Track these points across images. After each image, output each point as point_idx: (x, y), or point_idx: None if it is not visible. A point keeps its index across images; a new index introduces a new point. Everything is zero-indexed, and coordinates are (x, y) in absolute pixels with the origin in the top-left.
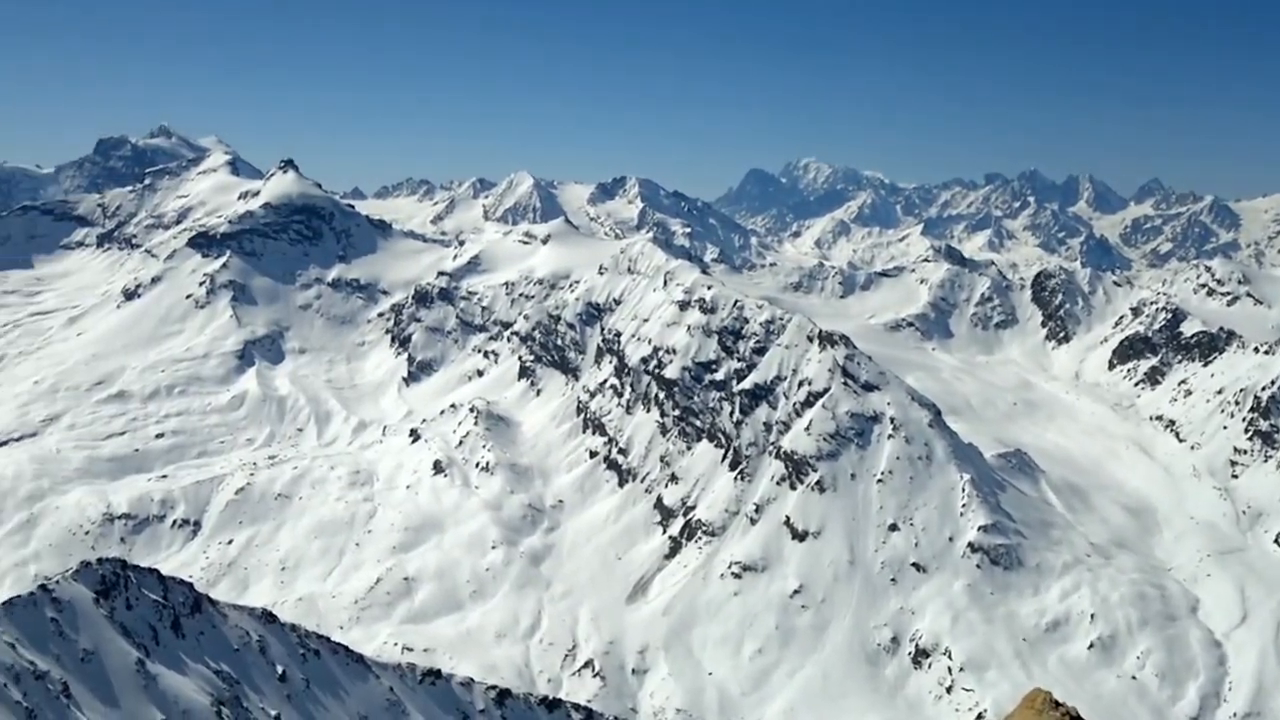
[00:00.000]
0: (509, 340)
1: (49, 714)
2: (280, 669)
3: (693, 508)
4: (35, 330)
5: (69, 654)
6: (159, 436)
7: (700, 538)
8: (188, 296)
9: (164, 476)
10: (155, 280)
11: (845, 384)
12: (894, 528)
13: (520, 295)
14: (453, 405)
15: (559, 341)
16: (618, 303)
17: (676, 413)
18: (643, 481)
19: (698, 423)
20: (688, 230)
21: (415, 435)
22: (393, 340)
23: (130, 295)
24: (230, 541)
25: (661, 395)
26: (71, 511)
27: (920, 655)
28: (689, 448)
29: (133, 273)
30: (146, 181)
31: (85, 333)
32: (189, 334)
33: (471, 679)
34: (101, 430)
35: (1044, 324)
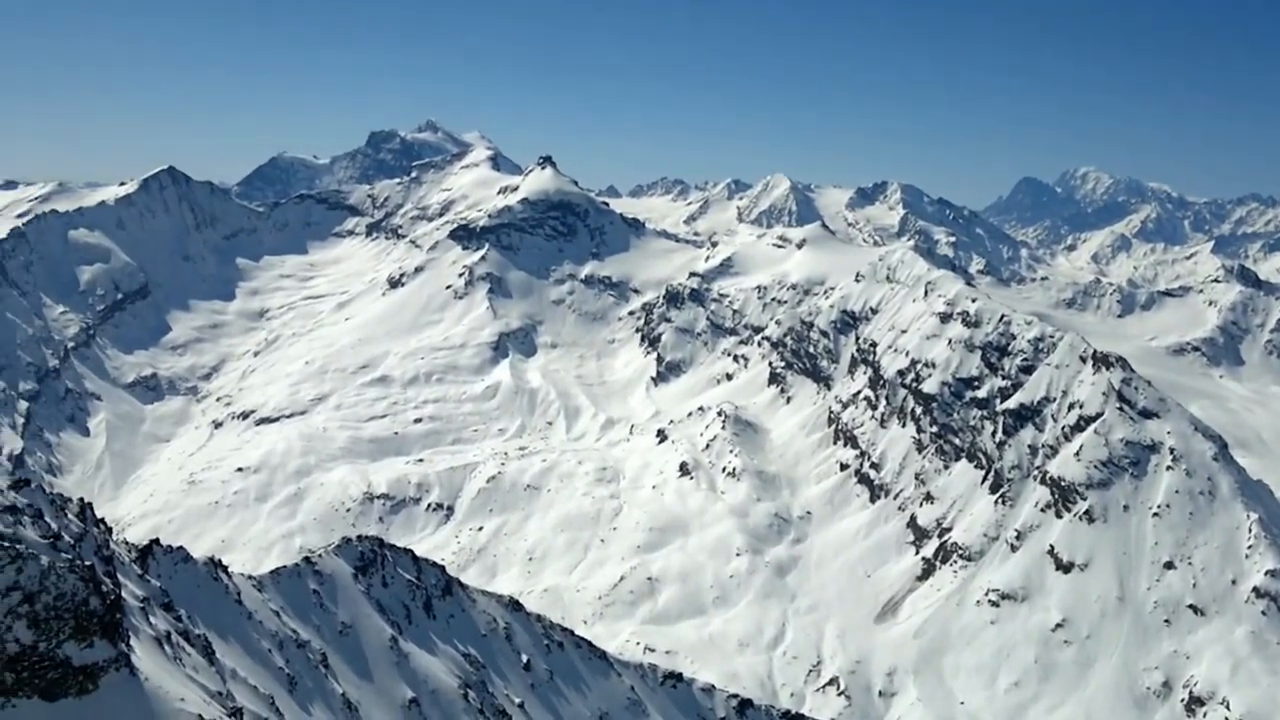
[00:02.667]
0: (759, 345)
1: (308, 682)
2: (525, 658)
3: (949, 529)
4: (308, 313)
5: (328, 625)
6: (417, 421)
7: (956, 561)
8: (447, 287)
9: (420, 460)
10: (418, 270)
11: (1121, 409)
12: (1170, 566)
13: (773, 300)
14: (701, 408)
15: (811, 349)
16: (874, 312)
17: (934, 429)
18: (896, 499)
19: (956, 441)
20: (952, 239)
21: (662, 436)
22: (642, 339)
23: (394, 283)
24: (481, 528)
25: (918, 410)
26: (335, 489)
27: (1194, 703)
28: (946, 467)
29: (397, 262)
30: (413, 174)
31: (352, 318)
32: (447, 323)
33: (713, 685)
34: (364, 412)
35: None
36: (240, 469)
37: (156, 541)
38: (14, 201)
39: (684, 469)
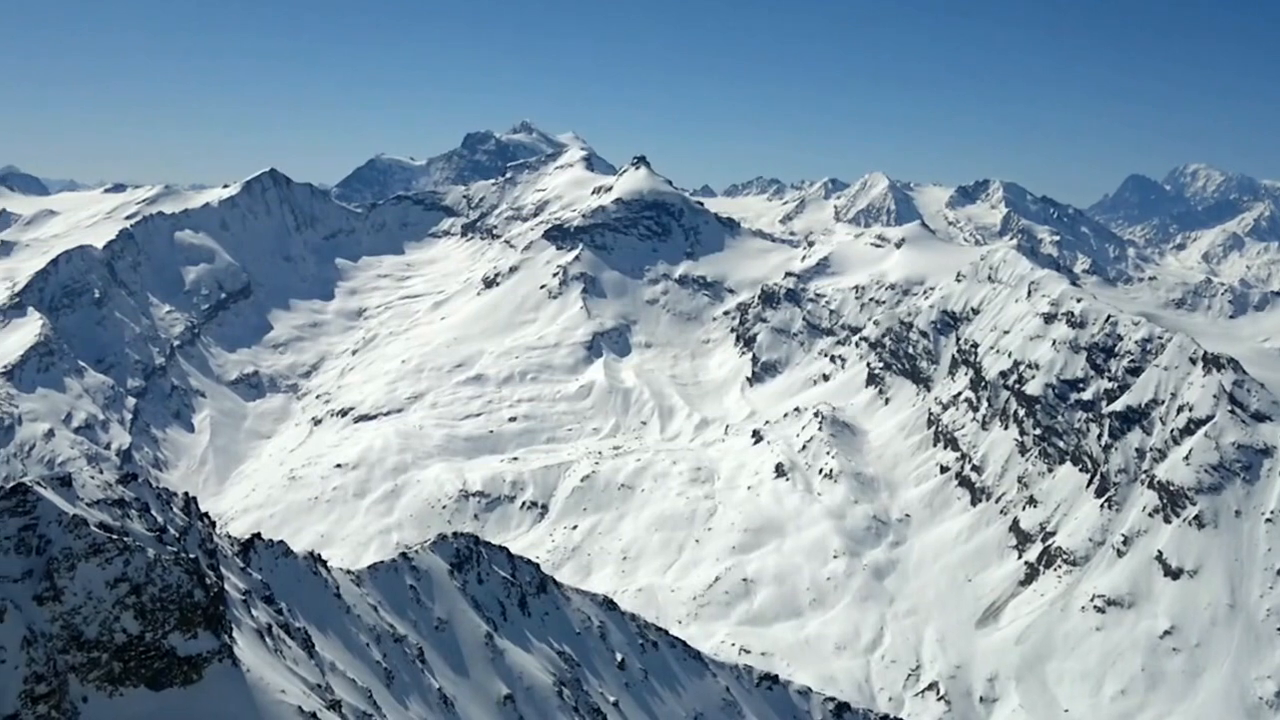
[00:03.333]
0: (857, 346)
1: (405, 676)
2: (620, 657)
3: (1052, 534)
4: (404, 312)
5: (424, 621)
6: (511, 420)
7: (1060, 566)
8: (541, 287)
9: (515, 459)
10: (512, 270)
11: (1232, 412)
12: None
13: (870, 300)
14: (796, 409)
15: (910, 350)
16: (975, 312)
17: (1037, 432)
18: (997, 502)
19: (1061, 444)
20: (1056, 238)
21: (758, 436)
22: (737, 339)
23: (489, 283)
24: (575, 527)
25: (1021, 412)
26: (431, 486)
27: None
28: (1050, 470)
29: (492, 262)
30: (507, 175)
31: (448, 317)
32: (541, 323)
33: (809, 688)
34: (460, 410)
35: None
36: (339, 465)
37: (258, 536)
38: (122, 204)
39: (780, 470)
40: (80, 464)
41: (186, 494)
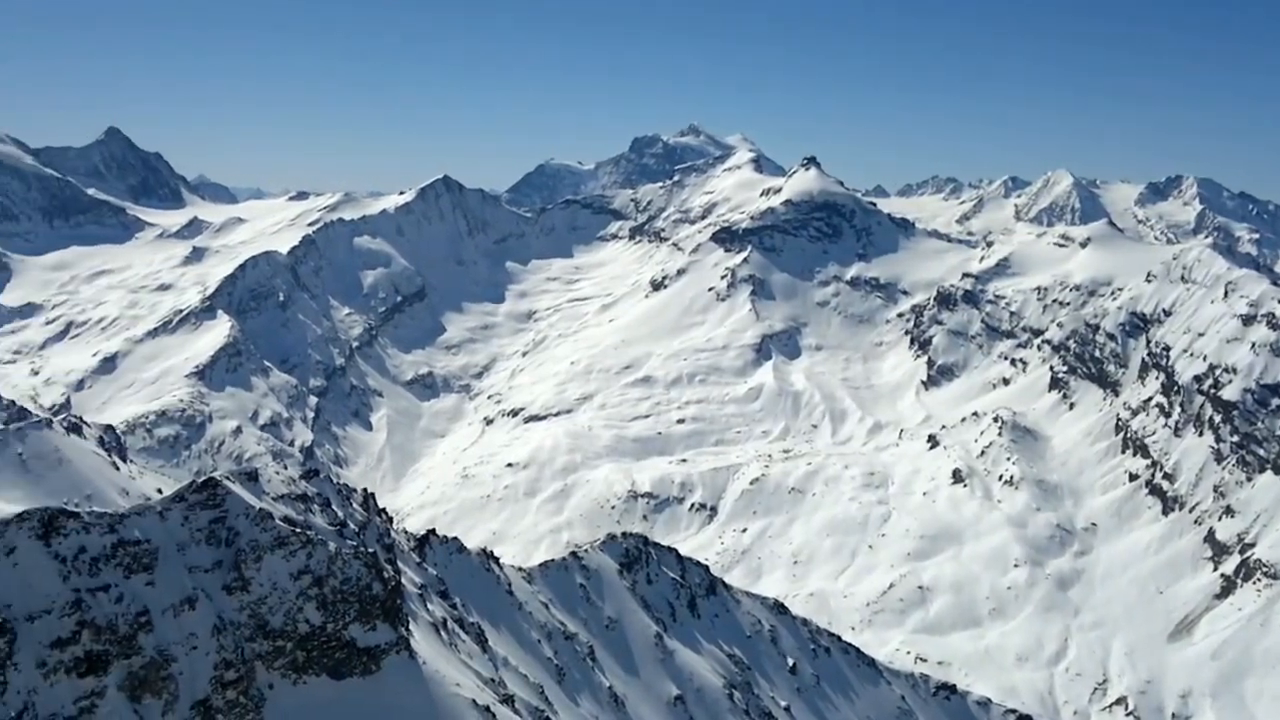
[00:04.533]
0: (1039, 349)
1: (575, 674)
2: (791, 661)
3: (1251, 545)
4: (573, 315)
5: (594, 619)
6: (679, 422)
7: (1259, 579)
8: (709, 289)
9: (683, 460)
10: (680, 272)
11: None
12: None
13: (1054, 301)
14: (975, 413)
15: (1097, 353)
16: (1167, 314)
17: (1235, 439)
18: (1191, 511)
19: (1261, 451)
20: (1255, 236)
21: (933, 441)
22: (911, 342)
23: (657, 286)
24: (744, 530)
25: (1217, 418)
26: (600, 486)
27: None
28: (1249, 478)
29: (660, 264)
30: (675, 178)
31: (616, 319)
32: (709, 325)
33: (989, 699)
34: (628, 412)
35: None
36: (510, 464)
37: (433, 532)
38: (305, 211)
39: (957, 476)
40: (266, 460)
41: (365, 490)
